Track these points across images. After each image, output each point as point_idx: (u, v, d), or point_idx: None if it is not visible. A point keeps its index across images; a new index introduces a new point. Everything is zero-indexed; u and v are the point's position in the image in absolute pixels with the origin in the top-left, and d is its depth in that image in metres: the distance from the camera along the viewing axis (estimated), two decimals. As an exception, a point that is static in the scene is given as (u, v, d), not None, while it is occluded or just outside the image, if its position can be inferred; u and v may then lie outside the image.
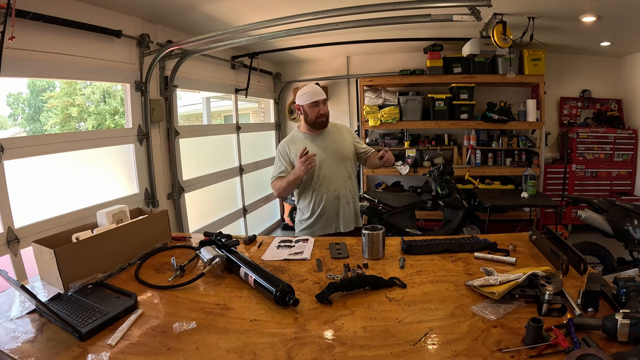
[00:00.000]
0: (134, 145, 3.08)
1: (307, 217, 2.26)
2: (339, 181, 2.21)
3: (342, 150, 2.24)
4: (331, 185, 2.19)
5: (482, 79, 4.60)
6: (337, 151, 2.22)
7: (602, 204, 2.78)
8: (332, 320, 1.16)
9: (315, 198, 2.21)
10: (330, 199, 2.20)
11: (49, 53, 2.36)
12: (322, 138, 2.23)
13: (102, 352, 1.03)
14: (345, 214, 2.23)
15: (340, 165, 2.22)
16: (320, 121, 2.18)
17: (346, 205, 2.23)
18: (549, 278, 1.21)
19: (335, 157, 2.21)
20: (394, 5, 2.36)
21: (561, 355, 0.93)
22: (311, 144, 2.20)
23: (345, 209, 2.23)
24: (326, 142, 2.23)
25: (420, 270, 1.49)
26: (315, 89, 2.19)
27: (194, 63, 3.65)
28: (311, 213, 2.23)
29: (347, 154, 2.25)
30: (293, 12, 2.58)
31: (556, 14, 3.26)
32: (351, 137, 2.33)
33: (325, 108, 2.18)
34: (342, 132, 2.31)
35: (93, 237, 1.56)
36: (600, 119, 4.90)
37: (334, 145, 2.23)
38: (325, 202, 2.19)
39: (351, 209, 2.26)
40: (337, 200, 2.20)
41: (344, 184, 2.22)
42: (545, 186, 4.73)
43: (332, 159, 2.20)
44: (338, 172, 2.21)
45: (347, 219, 2.23)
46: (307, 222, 2.26)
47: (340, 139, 2.27)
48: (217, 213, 4.27)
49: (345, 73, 5.45)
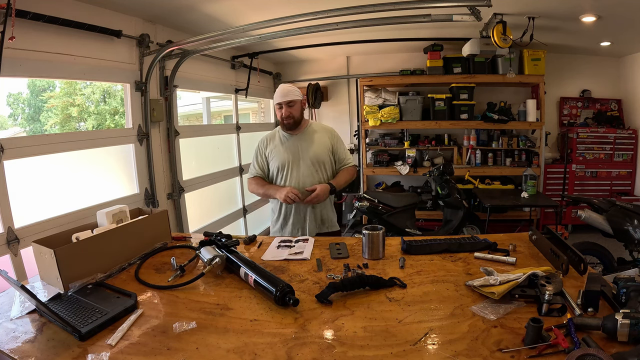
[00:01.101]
0: (134, 145, 3.08)
1: (275, 217, 2.27)
2: (308, 184, 2.15)
3: (316, 153, 2.18)
4: (298, 188, 2.14)
5: (482, 79, 4.60)
6: (310, 154, 2.18)
7: (602, 204, 2.78)
8: (332, 320, 1.16)
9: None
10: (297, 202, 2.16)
11: (49, 53, 2.36)
12: (298, 138, 2.21)
13: (102, 352, 1.03)
14: (311, 218, 2.19)
15: (312, 169, 2.17)
16: (287, 123, 2.16)
17: (312, 209, 2.18)
18: (549, 278, 1.21)
19: (307, 159, 2.17)
20: (394, 5, 2.36)
21: (561, 355, 0.93)
22: (285, 142, 2.21)
23: (311, 214, 2.18)
24: (301, 143, 2.20)
25: (420, 270, 1.49)
26: (282, 90, 2.16)
27: (194, 63, 3.65)
28: (279, 213, 2.24)
29: (321, 157, 2.19)
30: (293, 12, 2.58)
31: (556, 14, 3.26)
32: (330, 141, 2.25)
33: (289, 110, 2.13)
34: (322, 135, 2.25)
35: (93, 237, 1.56)
36: (600, 119, 4.90)
37: (309, 148, 2.19)
38: (292, 204, 2.16)
39: (317, 214, 2.20)
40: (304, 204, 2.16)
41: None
42: (545, 186, 4.74)
43: (303, 161, 2.17)
44: (308, 175, 2.17)
45: (312, 224, 2.19)
46: (277, 224, 2.26)
47: (317, 142, 2.21)
48: (217, 213, 4.27)
49: (345, 73, 5.45)
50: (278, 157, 2.20)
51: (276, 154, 2.21)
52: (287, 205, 2.18)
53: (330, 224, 2.28)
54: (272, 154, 2.23)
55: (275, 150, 2.22)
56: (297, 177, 2.17)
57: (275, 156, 2.22)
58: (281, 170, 2.20)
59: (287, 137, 2.24)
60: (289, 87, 2.20)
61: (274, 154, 2.22)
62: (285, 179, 2.19)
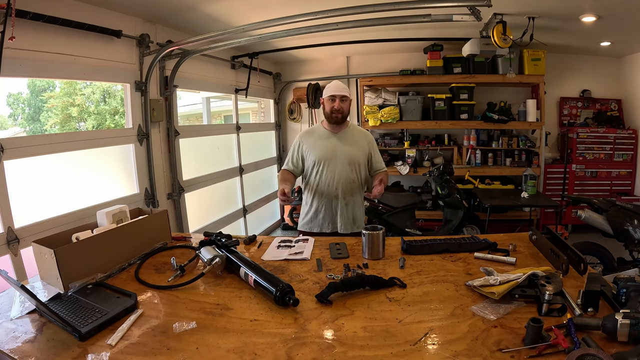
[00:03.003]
0: (134, 145, 3.08)
1: (306, 210, 2.29)
2: (342, 182, 2.20)
3: (353, 153, 2.23)
4: (332, 184, 2.20)
5: (482, 79, 4.60)
6: (347, 153, 2.22)
7: (602, 204, 2.78)
8: (332, 320, 1.16)
9: (315, 192, 2.24)
10: (330, 197, 2.21)
11: (49, 53, 2.36)
12: (339, 137, 2.25)
13: (102, 352, 1.03)
14: (343, 215, 2.22)
15: (348, 168, 2.21)
16: (335, 116, 2.20)
17: (345, 207, 2.21)
18: (549, 278, 1.21)
19: (344, 158, 2.21)
20: (394, 5, 2.36)
21: (561, 355, 0.93)
22: (326, 139, 2.25)
23: (344, 211, 2.21)
24: (340, 141, 2.24)
25: (420, 270, 1.49)
26: (337, 84, 2.22)
27: (194, 63, 3.65)
28: (309, 206, 2.27)
29: (357, 158, 2.24)
30: (293, 12, 2.58)
31: (556, 14, 3.26)
32: (368, 146, 2.30)
33: (341, 105, 2.18)
34: (361, 138, 2.30)
35: (93, 237, 1.56)
36: (600, 119, 4.90)
37: (347, 147, 2.23)
38: (324, 199, 2.21)
39: (350, 212, 2.24)
40: (337, 200, 2.21)
41: (346, 185, 2.21)
42: (545, 186, 4.73)
43: (340, 159, 2.20)
44: (343, 172, 2.20)
45: (344, 221, 2.22)
46: (306, 217, 2.28)
47: (356, 143, 2.26)
48: (217, 213, 4.27)
49: (345, 73, 5.45)
50: (316, 152, 2.23)
51: (315, 149, 2.24)
52: (320, 198, 2.23)
53: (361, 224, 2.30)
54: (311, 148, 2.25)
55: (314, 145, 2.25)
56: (332, 173, 2.20)
57: (313, 151, 2.24)
58: (317, 165, 2.22)
59: (328, 134, 2.27)
60: (343, 84, 2.26)
61: (312, 148, 2.25)
62: (320, 174, 2.22)
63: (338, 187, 2.20)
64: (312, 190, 2.26)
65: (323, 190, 2.21)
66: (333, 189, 2.20)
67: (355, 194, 2.25)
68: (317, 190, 2.24)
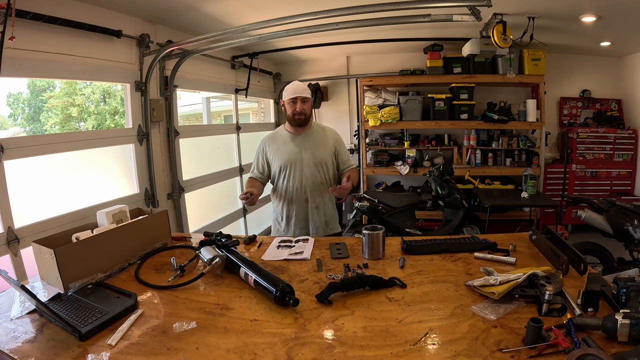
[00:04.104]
0: (134, 145, 3.08)
1: (279, 219, 2.27)
2: (310, 185, 2.16)
3: (318, 154, 2.18)
4: (301, 188, 2.16)
5: (482, 79, 4.60)
6: (312, 154, 2.17)
7: (602, 204, 2.77)
8: (332, 320, 1.16)
9: (284, 199, 2.21)
10: (299, 202, 2.17)
11: (49, 53, 2.36)
12: (302, 139, 2.20)
13: (102, 352, 1.03)
14: (315, 218, 2.18)
15: (314, 170, 2.17)
16: (298, 118, 2.15)
17: (315, 209, 2.18)
18: (549, 278, 1.21)
19: (310, 160, 2.16)
20: (394, 5, 2.36)
21: (561, 355, 0.93)
22: (289, 142, 2.21)
23: (314, 214, 2.18)
24: (304, 143, 2.19)
25: (420, 270, 1.49)
26: (297, 86, 2.17)
27: (194, 63, 3.65)
28: (281, 214, 2.24)
29: (323, 159, 2.19)
30: (293, 12, 2.58)
31: (556, 14, 3.26)
32: (334, 144, 2.24)
33: (303, 106, 2.13)
34: (327, 137, 2.25)
35: (93, 237, 1.56)
36: (600, 119, 4.90)
37: (311, 149, 2.18)
38: (294, 204, 2.18)
39: (321, 215, 2.20)
40: (306, 204, 2.18)
41: (315, 188, 2.17)
42: (545, 186, 4.73)
43: (306, 162, 2.16)
44: (310, 175, 2.16)
45: (316, 224, 2.19)
46: (279, 225, 2.26)
47: (321, 143, 2.21)
48: (217, 213, 4.27)
49: (345, 73, 5.45)
50: (280, 157, 2.20)
51: (279, 154, 2.21)
52: (290, 204, 2.19)
53: (334, 225, 2.28)
54: (275, 154, 2.22)
55: (278, 150, 2.22)
56: (299, 177, 2.17)
57: (278, 156, 2.21)
58: (284, 170, 2.19)
59: (291, 137, 2.22)
60: (303, 84, 2.22)
61: (276, 154, 2.21)
62: (287, 180, 2.19)
63: (307, 191, 2.16)
64: (281, 197, 2.23)
65: (292, 195, 2.18)
66: (302, 193, 2.16)
67: (324, 196, 2.20)
68: (286, 196, 2.20)
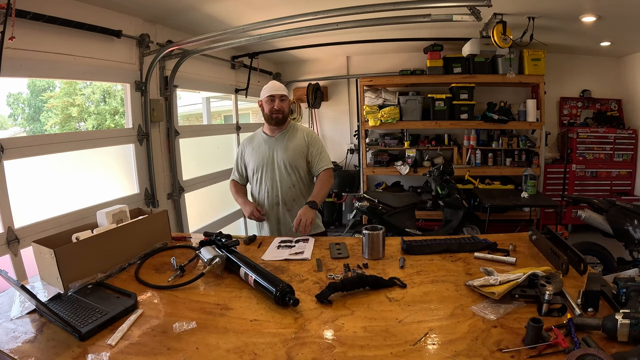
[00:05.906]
0: (134, 145, 3.08)
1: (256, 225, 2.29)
2: (281, 188, 2.15)
3: (289, 157, 2.16)
4: (272, 191, 2.16)
5: (482, 79, 4.60)
6: (284, 157, 2.16)
7: (602, 204, 2.77)
8: (332, 320, 1.16)
9: (258, 202, 2.23)
10: (271, 204, 2.18)
11: (49, 53, 2.36)
12: (276, 140, 2.20)
13: (102, 352, 1.03)
14: (286, 222, 2.17)
15: (284, 172, 2.16)
16: (276, 117, 2.14)
17: (287, 213, 2.17)
18: (549, 278, 1.21)
19: (281, 162, 2.16)
20: (394, 5, 2.36)
21: (561, 355, 0.93)
22: (263, 144, 2.22)
23: (286, 217, 2.17)
24: (277, 145, 2.18)
25: (420, 270, 1.49)
26: (274, 84, 2.18)
27: (194, 63, 3.65)
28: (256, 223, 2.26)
29: (294, 162, 2.16)
30: (293, 12, 2.58)
31: (556, 14, 3.26)
32: (307, 146, 2.19)
33: (281, 104, 2.13)
34: (299, 138, 2.20)
35: (93, 237, 1.56)
36: (600, 119, 4.90)
37: (283, 151, 2.17)
38: (267, 208, 2.19)
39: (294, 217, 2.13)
40: (278, 207, 2.18)
41: (287, 191, 2.16)
42: (545, 186, 4.73)
43: (277, 164, 2.16)
44: (281, 178, 2.16)
45: (286, 228, 2.17)
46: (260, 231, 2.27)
47: (293, 145, 2.18)
48: (217, 213, 4.27)
49: (345, 73, 5.45)
50: (253, 159, 2.22)
51: (252, 156, 2.23)
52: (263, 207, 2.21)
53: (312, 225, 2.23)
54: (250, 156, 2.24)
55: (252, 152, 2.23)
56: (270, 180, 2.17)
57: (251, 158, 2.23)
58: (256, 173, 2.21)
59: (265, 139, 2.22)
60: (281, 84, 2.23)
61: (251, 156, 2.23)
62: (260, 182, 2.20)
63: (278, 194, 2.16)
64: (254, 199, 2.24)
65: (264, 198, 2.18)
66: (274, 196, 2.16)
67: (297, 199, 2.17)
68: (259, 199, 2.21)
